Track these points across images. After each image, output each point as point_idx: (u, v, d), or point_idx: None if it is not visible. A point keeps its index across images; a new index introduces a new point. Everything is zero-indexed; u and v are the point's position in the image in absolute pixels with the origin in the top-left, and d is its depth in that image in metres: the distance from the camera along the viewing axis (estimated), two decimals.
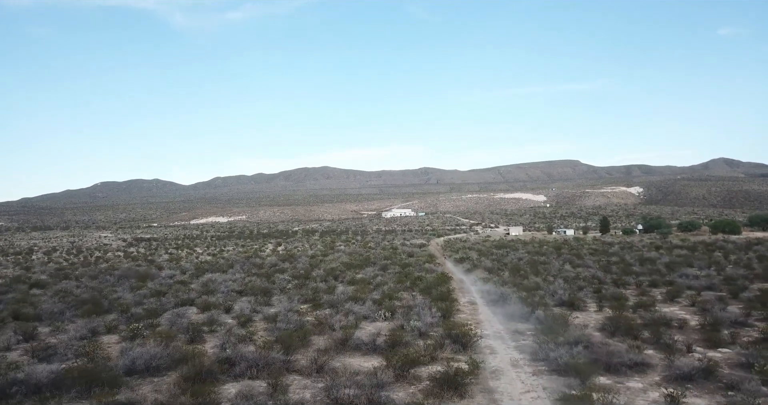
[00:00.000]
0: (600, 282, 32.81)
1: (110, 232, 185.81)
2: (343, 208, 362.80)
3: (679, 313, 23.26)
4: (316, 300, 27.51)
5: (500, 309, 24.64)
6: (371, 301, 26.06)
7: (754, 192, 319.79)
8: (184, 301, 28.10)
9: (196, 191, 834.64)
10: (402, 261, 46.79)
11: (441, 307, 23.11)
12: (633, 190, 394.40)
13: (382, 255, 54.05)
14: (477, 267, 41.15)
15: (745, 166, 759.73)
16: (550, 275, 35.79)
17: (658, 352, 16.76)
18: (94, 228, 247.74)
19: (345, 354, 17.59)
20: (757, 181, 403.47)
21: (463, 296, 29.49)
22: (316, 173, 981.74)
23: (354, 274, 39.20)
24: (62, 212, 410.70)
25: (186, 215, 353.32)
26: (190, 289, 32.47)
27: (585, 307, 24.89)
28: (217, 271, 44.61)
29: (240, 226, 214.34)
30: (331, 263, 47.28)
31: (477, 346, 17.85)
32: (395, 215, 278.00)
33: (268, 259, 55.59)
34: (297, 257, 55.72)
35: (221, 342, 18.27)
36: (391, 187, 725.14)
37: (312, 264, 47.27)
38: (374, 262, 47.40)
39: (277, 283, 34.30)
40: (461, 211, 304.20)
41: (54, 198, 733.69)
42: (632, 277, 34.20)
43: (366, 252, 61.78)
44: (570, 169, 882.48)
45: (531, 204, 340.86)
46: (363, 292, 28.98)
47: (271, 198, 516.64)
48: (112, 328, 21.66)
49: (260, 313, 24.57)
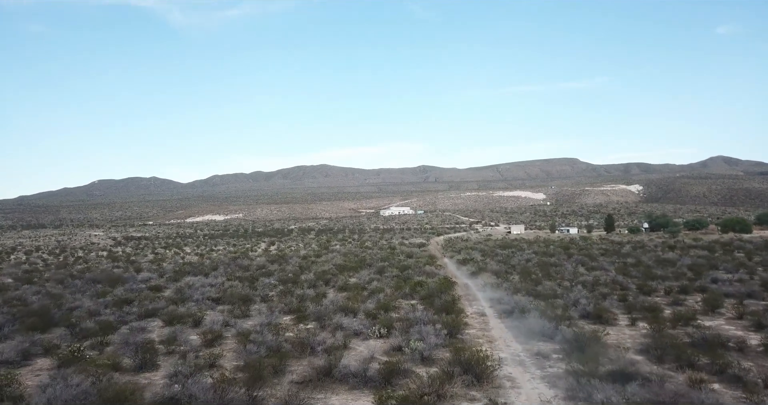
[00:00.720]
0: (622, 288, 29.19)
1: (102, 231, 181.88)
2: (341, 206, 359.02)
3: (728, 329, 19.62)
4: (300, 311, 23.83)
5: (516, 323, 20.97)
6: (364, 313, 22.38)
7: (755, 190, 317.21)
8: (149, 311, 24.40)
9: (193, 189, 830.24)
10: (400, 263, 43.14)
11: (446, 322, 19.42)
12: (633, 188, 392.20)
13: (379, 256, 50.36)
14: (483, 270, 37.45)
15: (744, 165, 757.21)
16: (565, 280, 32.16)
17: (728, 387, 13.13)
18: (87, 226, 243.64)
19: (328, 388, 13.94)
20: (758, 179, 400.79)
21: (470, 305, 25.82)
22: (315, 171, 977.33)
23: (347, 278, 35.55)
24: (58, 210, 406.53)
25: (182, 213, 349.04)
26: (161, 296, 28.71)
27: (615, 320, 21.23)
28: (199, 273, 40.92)
29: (235, 225, 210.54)
30: (323, 265, 43.59)
31: (494, 377, 14.20)
32: (393, 213, 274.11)
33: (257, 260, 51.89)
34: (288, 258, 52.04)
35: (173, 371, 14.60)
36: (389, 185, 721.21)
37: (302, 266, 43.57)
38: (370, 263, 43.74)
39: (259, 290, 30.60)
40: (460, 209, 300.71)
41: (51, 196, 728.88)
42: (657, 282, 30.55)
43: (362, 252, 58.11)
44: (569, 167, 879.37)
45: (530, 202, 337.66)
46: (355, 300, 25.33)
47: (269, 196, 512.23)
48: (51, 349, 17.93)
49: (233, 328, 20.87)
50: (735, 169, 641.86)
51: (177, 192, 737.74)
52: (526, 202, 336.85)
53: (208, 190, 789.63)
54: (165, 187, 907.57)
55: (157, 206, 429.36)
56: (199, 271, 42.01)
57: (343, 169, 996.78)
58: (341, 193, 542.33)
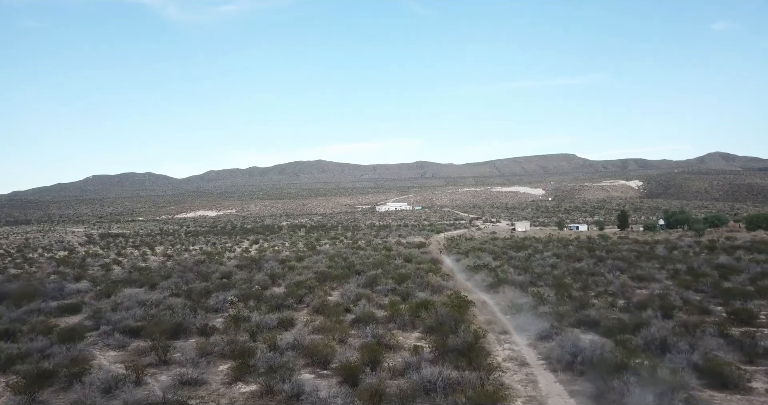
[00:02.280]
0: (702, 310, 21.13)
1: (84, 227, 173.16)
2: (337, 201, 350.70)
3: None
4: (246, 355, 15.60)
5: (588, 386, 12.81)
6: (341, 366, 14.15)
7: (757, 185, 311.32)
8: (10, 357, 15.98)
9: (189, 185, 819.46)
10: (397, 270, 34.91)
11: (473, 397, 11.21)
12: (632, 183, 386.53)
13: (372, 260, 42.15)
14: (502, 281, 29.10)
15: (742, 160, 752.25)
16: (615, 296, 24.10)
17: None
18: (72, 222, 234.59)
19: None
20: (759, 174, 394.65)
21: (499, 344, 17.64)
22: (311, 167, 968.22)
23: (328, 293, 27.41)
24: (47, 206, 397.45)
25: (174, 209, 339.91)
26: (56, 326, 20.19)
27: (744, 380, 13.03)
28: (146, 283, 32.65)
29: (224, 221, 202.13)
30: (302, 273, 35.32)
31: None
32: (390, 209, 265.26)
33: (227, 264, 43.61)
34: (264, 261, 43.76)
35: None
36: (386, 180, 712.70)
37: (276, 274, 35.27)
38: (360, 270, 35.50)
39: (202, 314, 22.39)
40: (458, 204, 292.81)
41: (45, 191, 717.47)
42: (740, 300, 22.45)
43: (352, 254, 49.86)
44: (566, 163, 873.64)
45: (529, 198, 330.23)
46: (332, 333, 17.28)
47: (264, 191, 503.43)
48: None
49: (124, 393, 12.61)
50: (732, 165, 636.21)
51: (172, 187, 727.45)
52: (525, 198, 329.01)
53: (203, 185, 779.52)
54: (160, 182, 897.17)
55: (149, 202, 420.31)
56: (146, 280, 33.74)
57: (340, 164, 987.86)
58: (337, 188, 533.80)
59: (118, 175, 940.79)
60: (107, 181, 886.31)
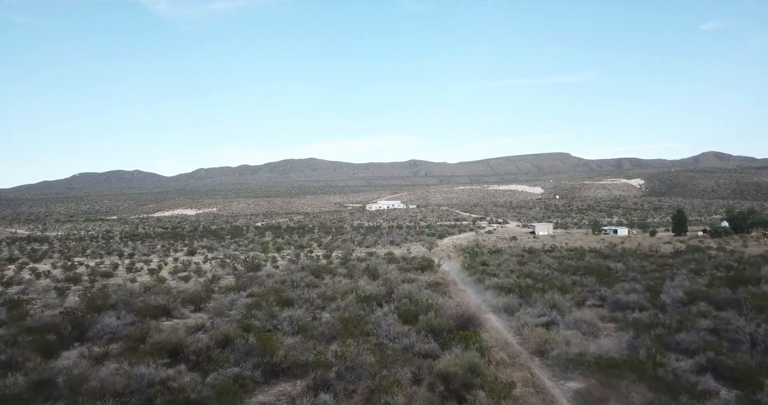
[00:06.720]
0: None
1: (30, 227, 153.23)
2: (327, 200, 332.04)
3: None
4: None
5: None
6: None
7: (765, 184, 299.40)
8: None
9: (177, 182, 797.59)
10: (390, 359, 16.08)
11: None
12: (634, 182, 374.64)
13: (344, 289, 23.42)
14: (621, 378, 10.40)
15: (736, 160, 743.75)
16: None
17: None
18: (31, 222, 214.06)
19: None
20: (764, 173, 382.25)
21: None
22: (302, 165, 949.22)
23: None
24: (21, 204, 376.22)
25: (152, 207, 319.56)
26: None
27: None
28: None
29: (193, 221, 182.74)
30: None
31: None
32: (382, 208, 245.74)
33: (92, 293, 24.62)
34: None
35: None
36: (379, 179, 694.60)
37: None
38: (316, 329, 16.64)
39: None
40: (455, 203, 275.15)
41: (29, 189, 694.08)
42: None
43: (313, 280, 30.93)
44: (560, 162, 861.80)
45: (527, 196, 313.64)
46: None
47: (253, 190, 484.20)
48: None
49: None
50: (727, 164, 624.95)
51: (160, 185, 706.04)
52: (523, 197, 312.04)
53: (192, 183, 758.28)
54: (148, 180, 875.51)
55: (131, 200, 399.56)
56: None
57: (332, 162, 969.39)
58: (328, 186, 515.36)
59: (106, 173, 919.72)
60: (94, 179, 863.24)
